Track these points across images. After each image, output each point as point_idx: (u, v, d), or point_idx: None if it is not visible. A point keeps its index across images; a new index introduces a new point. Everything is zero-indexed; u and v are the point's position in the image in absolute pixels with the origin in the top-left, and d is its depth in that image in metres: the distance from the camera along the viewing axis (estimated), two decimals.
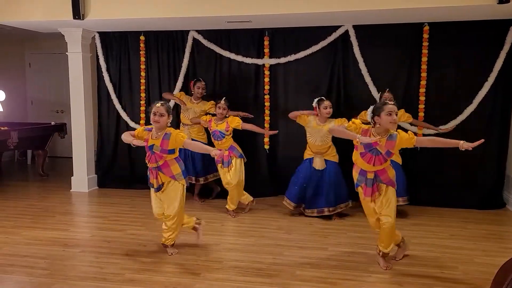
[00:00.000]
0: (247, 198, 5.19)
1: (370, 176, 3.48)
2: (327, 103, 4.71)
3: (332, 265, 3.67)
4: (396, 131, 3.46)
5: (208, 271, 3.56)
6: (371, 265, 3.63)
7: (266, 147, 5.92)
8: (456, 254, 3.93)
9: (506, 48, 5.09)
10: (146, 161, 3.78)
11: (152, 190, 3.87)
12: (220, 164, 5.06)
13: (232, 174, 4.98)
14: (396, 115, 3.36)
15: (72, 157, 6.24)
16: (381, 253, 3.61)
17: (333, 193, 4.82)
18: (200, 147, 3.96)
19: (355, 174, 3.63)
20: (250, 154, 5.98)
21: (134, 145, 3.70)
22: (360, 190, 3.62)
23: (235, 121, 5.03)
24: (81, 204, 5.69)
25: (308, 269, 3.60)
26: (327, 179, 4.81)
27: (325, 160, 4.85)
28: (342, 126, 3.63)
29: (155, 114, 3.65)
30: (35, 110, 8.72)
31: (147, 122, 6.17)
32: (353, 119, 3.63)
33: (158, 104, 3.69)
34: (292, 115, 4.93)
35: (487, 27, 5.10)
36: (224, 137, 5.01)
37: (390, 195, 3.52)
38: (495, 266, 2.73)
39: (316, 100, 4.79)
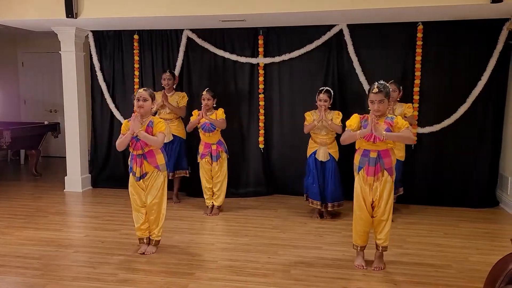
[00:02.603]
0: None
1: (373, 155, 3.41)
2: (322, 96, 4.70)
3: (327, 264, 3.67)
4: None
5: (202, 270, 3.55)
6: (366, 264, 3.63)
7: (261, 146, 5.92)
8: (450, 253, 3.95)
9: (499, 47, 5.11)
10: (130, 150, 3.72)
11: (132, 180, 3.79)
12: (206, 158, 5.02)
13: (220, 169, 5.04)
14: (382, 102, 3.33)
15: (65, 157, 6.20)
16: (380, 248, 3.57)
17: (329, 189, 4.80)
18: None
19: (357, 157, 3.52)
20: (244, 153, 6.00)
21: (135, 134, 3.60)
22: (361, 174, 3.48)
23: (221, 111, 5.01)
24: (74, 204, 5.66)
25: (303, 268, 3.60)
26: (328, 175, 4.83)
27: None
28: (347, 131, 3.53)
29: (138, 100, 3.67)
30: (28, 109, 8.67)
31: None
32: (348, 122, 3.57)
33: (141, 90, 3.72)
34: (306, 130, 4.88)
35: (480, 26, 5.12)
36: (214, 129, 4.94)
37: (389, 186, 3.44)
38: (489, 264, 2.75)
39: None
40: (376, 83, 3.40)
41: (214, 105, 5.05)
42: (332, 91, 4.84)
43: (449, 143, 5.39)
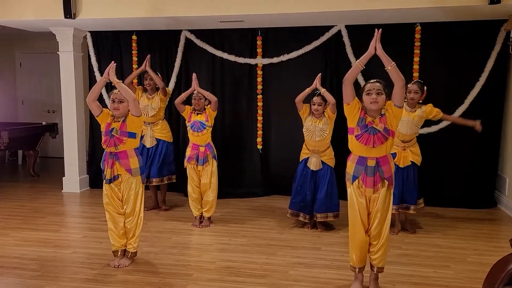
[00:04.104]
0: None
1: (371, 163, 3.00)
2: (315, 99, 4.40)
3: (325, 265, 3.67)
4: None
5: (200, 271, 3.54)
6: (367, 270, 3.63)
7: (259, 147, 5.92)
8: (448, 253, 3.95)
9: (497, 48, 5.12)
10: (104, 146, 3.49)
11: (106, 188, 3.57)
12: (193, 163, 4.62)
13: (208, 176, 4.61)
14: (380, 94, 2.97)
15: (63, 158, 6.19)
16: (376, 269, 3.18)
17: (319, 199, 4.46)
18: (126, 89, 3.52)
19: (351, 165, 3.09)
20: (242, 154, 5.99)
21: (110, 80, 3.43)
22: (356, 184, 3.07)
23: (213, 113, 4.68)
24: (72, 205, 5.65)
25: (301, 269, 3.60)
26: (320, 183, 4.48)
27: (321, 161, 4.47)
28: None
29: (113, 101, 3.43)
30: (26, 110, 8.65)
31: None
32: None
33: (116, 90, 3.44)
34: (297, 99, 4.51)
35: (478, 27, 5.14)
36: (204, 128, 4.57)
37: (388, 200, 3.08)
38: (487, 265, 2.75)
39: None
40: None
41: (206, 106, 4.71)
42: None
43: (447, 144, 5.40)
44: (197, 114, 4.63)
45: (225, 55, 5.79)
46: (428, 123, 5.38)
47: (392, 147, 3.10)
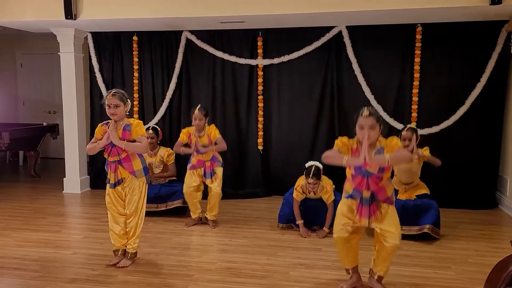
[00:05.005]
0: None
1: (366, 194, 2.96)
2: (310, 180, 4.21)
3: (326, 266, 3.67)
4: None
5: (201, 272, 3.54)
6: (365, 266, 3.62)
7: (260, 147, 5.92)
8: (449, 254, 3.94)
9: (498, 49, 5.12)
10: (106, 156, 3.49)
11: (109, 189, 3.57)
12: (198, 170, 4.58)
13: (216, 183, 4.57)
14: (373, 128, 2.84)
15: (64, 158, 6.19)
16: (376, 277, 3.17)
17: (314, 208, 4.46)
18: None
19: (349, 185, 3.07)
20: (243, 155, 5.99)
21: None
22: (351, 203, 3.03)
23: (215, 131, 4.53)
24: (73, 206, 5.65)
25: (302, 269, 3.60)
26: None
27: None
28: (334, 150, 2.98)
29: (109, 107, 3.39)
30: (27, 110, 8.65)
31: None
32: (339, 137, 3.06)
33: (110, 95, 3.40)
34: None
35: (479, 28, 5.14)
36: (208, 148, 4.51)
37: (394, 213, 3.02)
38: (488, 266, 2.75)
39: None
40: (366, 107, 2.91)
41: (205, 124, 4.52)
42: (320, 172, 4.26)
43: (448, 145, 5.39)
44: (199, 137, 4.50)
45: (226, 56, 5.79)
46: (428, 123, 5.39)
47: (388, 176, 3.02)
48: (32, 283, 3.33)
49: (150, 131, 5.08)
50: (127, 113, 3.54)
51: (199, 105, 4.55)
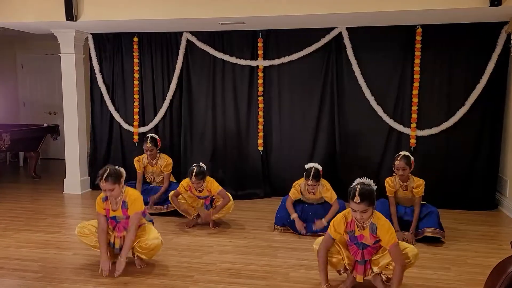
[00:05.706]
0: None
1: (362, 262, 3.08)
2: (310, 182, 4.28)
3: None
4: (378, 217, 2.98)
5: (201, 273, 3.55)
6: None
7: (260, 148, 5.92)
8: (449, 255, 3.95)
9: (497, 50, 5.12)
10: (110, 232, 3.56)
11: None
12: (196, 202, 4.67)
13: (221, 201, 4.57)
14: (365, 212, 2.83)
15: (64, 159, 6.20)
16: (385, 277, 3.14)
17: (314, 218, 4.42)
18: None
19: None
20: (243, 155, 6.00)
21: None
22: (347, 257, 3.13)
23: (215, 185, 4.53)
24: (73, 206, 5.65)
25: (302, 270, 3.60)
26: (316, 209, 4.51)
27: None
28: (327, 235, 3.10)
29: (105, 190, 3.40)
30: (27, 111, 8.65)
31: (141, 124, 6.16)
32: (332, 223, 3.09)
33: (103, 181, 3.37)
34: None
35: (479, 29, 5.14)
36: (209, 197, 4.61)
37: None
38: (488, 267, 2.75)
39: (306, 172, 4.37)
40: (359, 185, 2.82)
41: (204, 183, 4.45)
42: (320, 174, 4.33)
43: (448, 146, 5.40)
44: (198, 191, 4.52)
45: (226, 57, 5.79)
46: (428, 125, 5.39)
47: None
48: (32, 283, 3.34)
49: (148, 144, 5.04)
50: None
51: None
